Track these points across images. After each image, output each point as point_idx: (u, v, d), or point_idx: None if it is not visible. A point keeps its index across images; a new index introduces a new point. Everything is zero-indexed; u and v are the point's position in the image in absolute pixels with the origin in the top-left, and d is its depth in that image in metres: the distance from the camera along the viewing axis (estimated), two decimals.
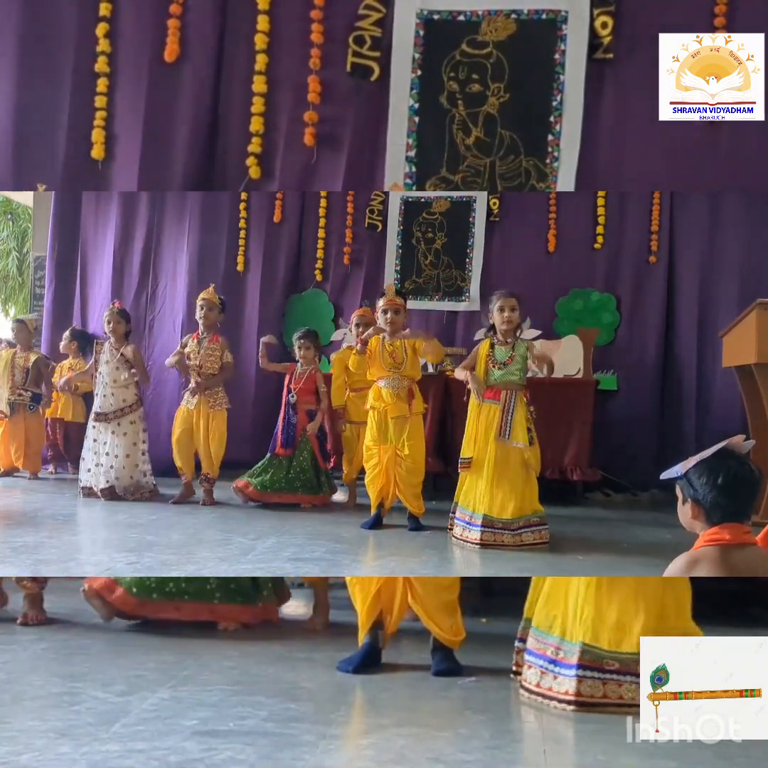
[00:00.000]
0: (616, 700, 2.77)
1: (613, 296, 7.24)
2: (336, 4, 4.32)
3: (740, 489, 2.16)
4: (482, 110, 4.33)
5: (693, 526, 2.22)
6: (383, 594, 3.25)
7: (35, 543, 4.15)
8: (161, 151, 4.33)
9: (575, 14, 4.22)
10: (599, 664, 2.81)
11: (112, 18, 4.28)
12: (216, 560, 3.91)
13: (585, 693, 2.79)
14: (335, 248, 7.65)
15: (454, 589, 3.34)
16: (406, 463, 4.79)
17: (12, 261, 15.98)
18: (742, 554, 2.15)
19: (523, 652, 3.04)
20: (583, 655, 2.82)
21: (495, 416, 4.44)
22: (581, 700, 2.78)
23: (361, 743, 2.50)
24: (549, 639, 2.96)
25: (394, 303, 4.91)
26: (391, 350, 4.89)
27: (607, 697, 2.78)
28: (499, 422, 4.42)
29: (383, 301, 4.94)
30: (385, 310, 4.91)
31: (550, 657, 2.92)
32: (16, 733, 2.47)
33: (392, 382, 4.86)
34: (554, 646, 2.92)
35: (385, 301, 4.92)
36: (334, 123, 4.37)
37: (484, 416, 4.48)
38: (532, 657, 2.98)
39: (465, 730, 2.58)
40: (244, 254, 7.48)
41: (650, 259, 7.18)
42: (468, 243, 7.40)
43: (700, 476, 2.17)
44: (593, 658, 2.82)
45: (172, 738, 2.44)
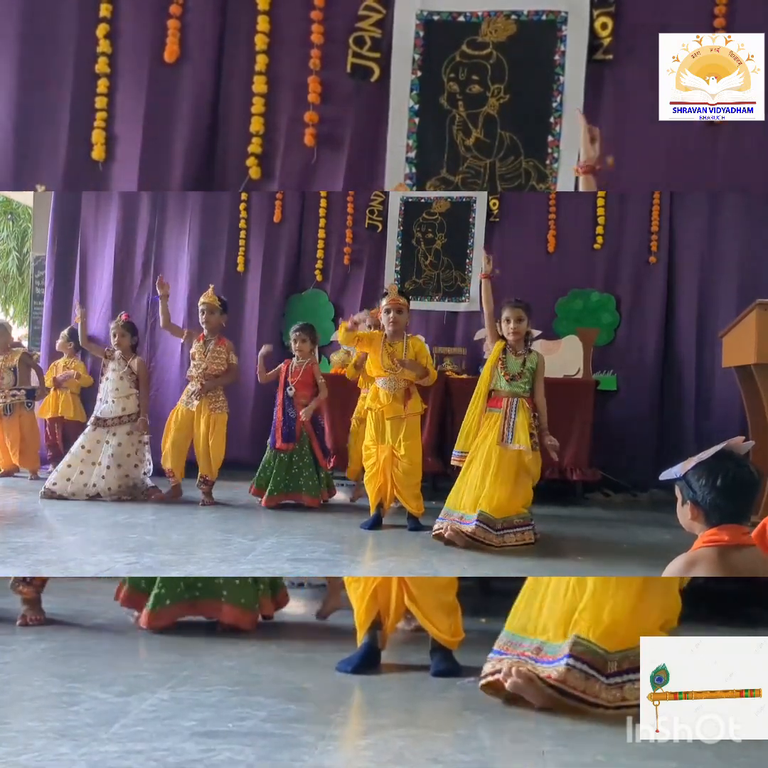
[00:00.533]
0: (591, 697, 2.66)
1: (612, 296, 7.24)
2: (336, 4, 4.33)
3: (739, 491, 2.17)
4: (482, 111, 4.34)
5: (692, 527, 2.22)
6: (380, 594, 3.24)
7: (35, 543, 4.15)
8: (161, 151, 4.35)
9: (575, 15, 4.24)
10: (589, 659, 2.69)
11: (112, 19, 4.29)
12: (216, 561, 3.92)
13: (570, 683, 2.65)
14: (335, 248, 7.65)
15: (451, 589, 3.33)
16: (403, 464, 4.79)
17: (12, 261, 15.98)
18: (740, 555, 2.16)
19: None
20: (575, 647, 2.70)
21: (496, 423, 4.45)
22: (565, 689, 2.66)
23: (360, 744, 2.49)
24: (526, 642, 2.83)
25: (396, 302, 4.91)
26: (391, 351, 4.88)
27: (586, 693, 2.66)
28: (501, 428, 4.43)
29: (386, 300, 4.94)
30: (388, 310, 4.90)
31: (529, 656, 2.79)
32: (16, 733, 2.47)
33: (389, 382, 4.85)
34: (534, 647, 2.80)
35: (388, 301, 4.92)
36: (335, 123, 4.38)
37: (485, 421, 4.49)
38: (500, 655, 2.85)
39: (464, 731, 2.58)
40: (245, 254, 7.49)
41: (650, 259, 7.18)
42: (468, 243, 7.41)
43: (699, 478, 2.18)
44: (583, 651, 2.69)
45: (171, 739, 2.43)
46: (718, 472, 2.15)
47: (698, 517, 2.19)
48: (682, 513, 2.25)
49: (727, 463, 2.17)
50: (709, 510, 2.17)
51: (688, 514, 2.21)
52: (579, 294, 7.27)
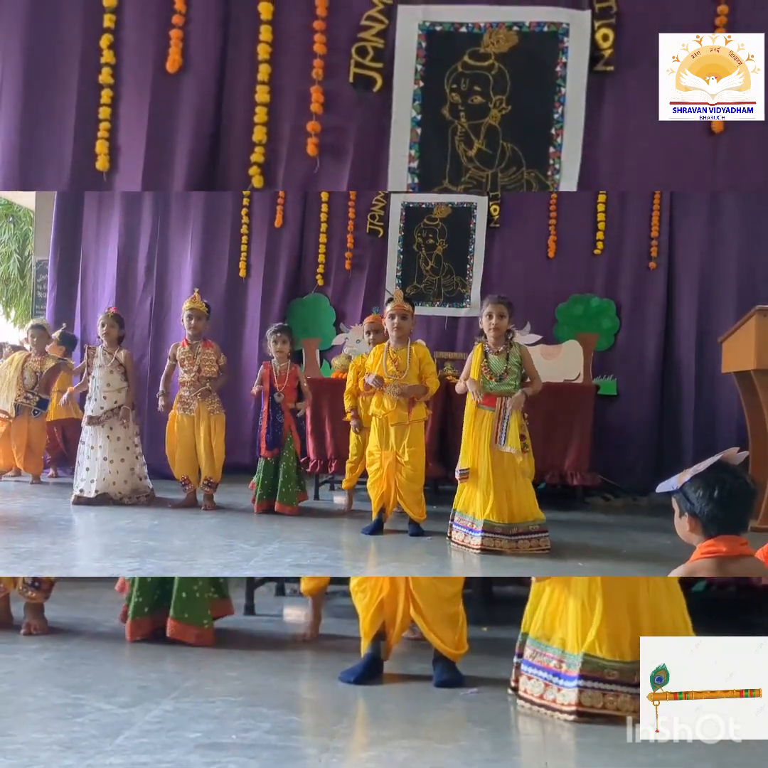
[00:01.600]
0: (613, 711, 2.79)
1: (612, 302, 7.26)
2: (338, 14, 4.33)
3: (736, 501, 2.18)
4: (484, 122, 4.35)
5: (690, 539, 2.24)
6: (386, 605, 3.26)
7: (38, 549, 4.16)
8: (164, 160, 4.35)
9: (576, 27, 4.24)
10: (600, 674, 2.82)
11: (115, 29, 4.29)
12: (219, 566, 3.93)
13: (585, 703, 2.80)
14: (336, 253, 7.66)
15: (456, 600, 3.35)
16: (406, 470, 4.79)
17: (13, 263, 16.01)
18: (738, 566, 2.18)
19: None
20: (585, 666, 2.83)
21: (490, 423, 4.45)
22: (581, 710, 2.79)
23: (363, 756, 2.51)
24: (549, 651, 2.97)
25: (401, 309, 4.89)
26: (394, 357, 4.88)
27: (606, 708, 2.80)
28: (495, 428, 4.44)
29: (391, 306, 4.93)
30: (392, 315, 4.89)
31: (553, 670, 2.92)
32: (21, 745, 2.49)
33: (393, 389, 4.86)
34: (557, 659, 2.93)
35: (392, 306, 4.91)
36: (337, 133, 4.37)
37: (479, 423, 4.48)
38: (532, 669, 2.98)
39: (467, 742, 2.60)
40: (246, 259, 7.51)
41: (650, 264, 7.20)
42: (469, 249, 7.42)
43: (696, 490, 2.19)
44: (594, 668, 2.83)
45: (176, 751, 2.45)
46: (714, 483, 2.17)
47: (696, 529, 2.21)
48: (679, 525, 2.26)
49: (723, 475, 2.19)
50: (706, 521, 2.18)
51: (686, 525, 2.23)
52: (579, 299, 7.29)
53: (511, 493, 4.40)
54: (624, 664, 2.82)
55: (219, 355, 5.76)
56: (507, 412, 4.41)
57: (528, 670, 2.99)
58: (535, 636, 3.03)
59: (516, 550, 4.33)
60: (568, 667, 2.89)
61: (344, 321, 7.60)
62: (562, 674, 2.89)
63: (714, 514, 2.17)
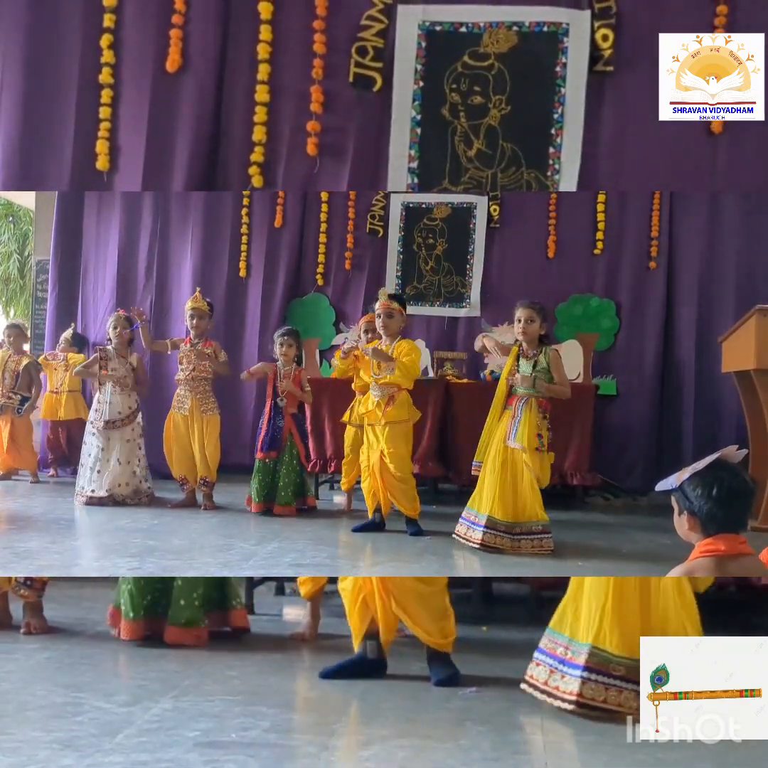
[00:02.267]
0: (614, 706, 2.77)
1: (612, 302, 7.27)
2: (338, 14, 4.33)
3: (735, 500, 2.19)
4: (484, 122, 4.35)
5: (689, 537, 2.25)
6: (370, 603, 3.22)
7: (38, 548, 4.17)
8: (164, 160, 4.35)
9: (576, 27, 4.24)
10: (605, 668, 2.79)
11: (115, 29, 4.29)
12: (218, 566, 3.93)
13: (587, 695, 2.77)
14: (336, 253, 7.66)
15: (441, 595, 3.29)
16: (390, 469, 4.77)
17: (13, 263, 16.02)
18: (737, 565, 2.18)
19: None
20: (591, 658, 2.80)
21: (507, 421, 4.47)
22: (582, 701, 2.77)
23: (363, 754, 2.51)
24: (560, 638, 2.94)
25: (387, 307, 4.87)
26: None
27: (607, 702, 2.78)
28: (507, 426, 4.45)
29: (377, 305, 4.93)
30: (379, 315, 4.89)
31: (560, 657, 2.89)
32: (20, 744, 2.49)
33: (375, 389, 4.85)
34: (563, 646, 2.90)
35: (378, 305, 4.91)
36: (337, 133, 4.38)
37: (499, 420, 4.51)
38: (542, 655, 2.96)
39: (466, 742, 2.59)
40: (246, 259, 7.51)
41: (650, 264, 7.20)
42: (468, 249, 7.43)
43: (695, 488, 2.20)
44: (600, 662, 2.80)
45: (175, 749, 2.45)
46: (713, 482, 2.17)
47: (695, 527, 2.21)
48: (679, 523, 2.27)
49: (721, 473, 2.19)
50: (705, 520, 2.19)
51: (685, 524, 2.23)
52: (579, 299, 7.29)
53: (518, 493, 4.40)
54: (632, 662, 2.77)
55: (219, 352, 5.77)
56: (519, 410, 4.42)
57: (538, 657, 2.97)
58: (552, 625, 3.00)
59: (518, 549, 4.33)
60: (573, 654, 2.86)
61: (344, 321, 7.61)
62: (567, 661, 2.86)
63: (713, 513, 2.17)
